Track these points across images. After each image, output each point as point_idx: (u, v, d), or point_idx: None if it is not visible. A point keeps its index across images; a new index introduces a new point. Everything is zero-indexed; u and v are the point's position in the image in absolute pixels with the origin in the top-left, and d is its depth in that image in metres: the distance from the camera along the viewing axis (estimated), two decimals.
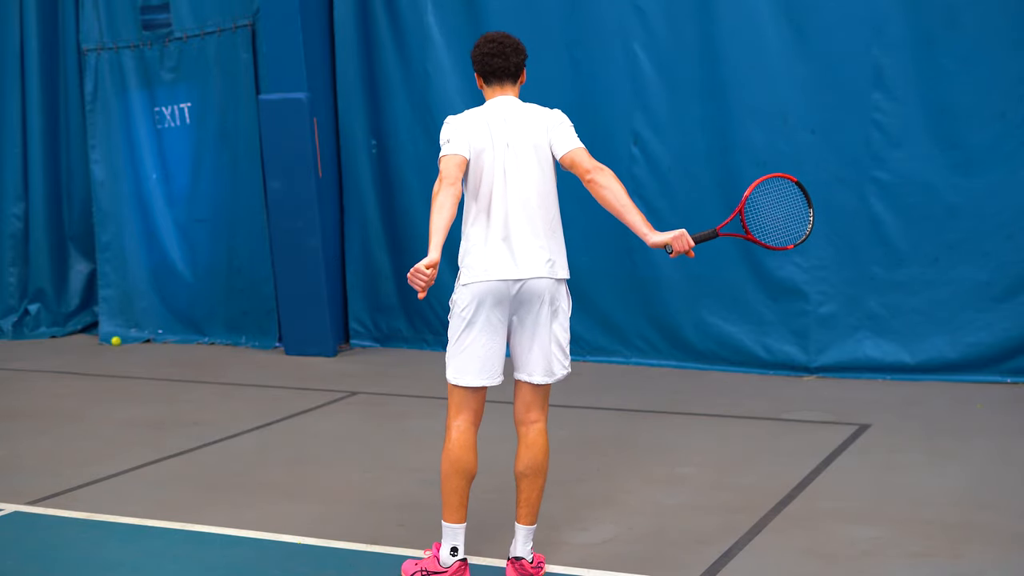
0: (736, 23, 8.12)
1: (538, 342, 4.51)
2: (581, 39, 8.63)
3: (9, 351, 10.42)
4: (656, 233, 4.39)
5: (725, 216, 8.32)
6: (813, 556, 4.82)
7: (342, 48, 9.54)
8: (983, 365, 7.73)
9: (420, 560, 4.68)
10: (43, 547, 5.30)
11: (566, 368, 4.60)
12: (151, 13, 10.32)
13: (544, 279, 4.47)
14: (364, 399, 8.10)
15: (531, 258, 4.46)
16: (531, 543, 4.64)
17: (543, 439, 4.57)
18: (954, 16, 7.57)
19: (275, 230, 9.58)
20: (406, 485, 5.95)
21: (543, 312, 4.50)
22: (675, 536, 5.12)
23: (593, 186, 4.43)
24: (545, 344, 4.51)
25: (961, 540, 4.94)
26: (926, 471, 5.94)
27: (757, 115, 8.13)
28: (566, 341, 4.59)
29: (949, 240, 7.76)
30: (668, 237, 4.40)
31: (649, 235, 4.37)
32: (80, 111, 10.89)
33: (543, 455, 4.56)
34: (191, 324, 10.48)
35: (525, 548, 4.62)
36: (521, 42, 4.66)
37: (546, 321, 4.50)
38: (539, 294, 4.47)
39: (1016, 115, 7.52)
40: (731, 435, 6.77)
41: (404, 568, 4.69)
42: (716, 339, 8.43)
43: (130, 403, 8.21)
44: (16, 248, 11.13)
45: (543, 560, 4.71)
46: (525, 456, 4.57)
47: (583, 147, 4.51)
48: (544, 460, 4.56)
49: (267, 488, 6.07)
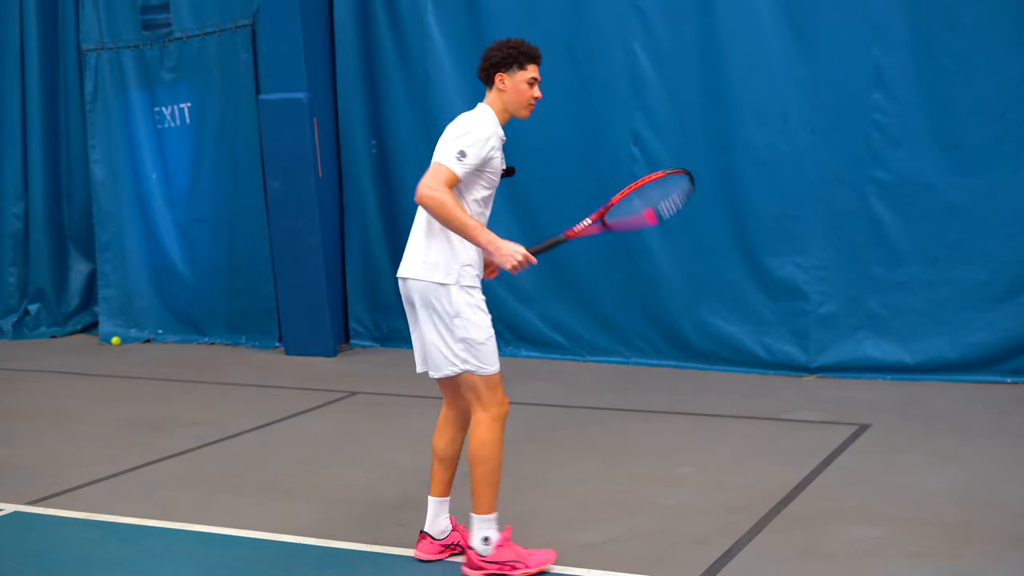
0: (736, 23, 8.12)
1: (423, 338, 4.72)
2: (581, 39, 8.63)
3: (9, 351, 10.43)
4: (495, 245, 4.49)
5: (725, 216, 8.36)
6: (813, 556, 4.82)
7: (342, 48, 9.54)
8: (983, 365, 7.73)
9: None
10: (43, 547, 5.30)
11: (455, 366, 4.63)
12: (151, 13, 10.32)
13: (415, 280, 4.64)
14: (364, 399, 8.10)
15: (410, 258, 4.72)
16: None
17: (477, 430, 4.65)
18: (954, 16, 7.57)
19: (275, 230, 9.58)
20: (406, 485, 5.95)
21: (420, 311, 4.67)
22: (675, 536, 5.12)
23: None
24: (427, 341, 4.68)
25: (961, 540, 4.94)
26: (926, 471, 5.93)
27: (757, 115, 8.13)
28: (451, 340, 4.61)
29: (949, 240, 7.76)
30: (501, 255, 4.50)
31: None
32: (80, 111, 10.89)
33: (474, 444, 4.66)
34: (191, 324, 10.48)
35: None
36: (491, 48, 4.71)
37: (425, 320, 4.67)
38: (412, 293, 4.68)
39: (1016, 115, 7.52)
40: (731, 435, 6.77)
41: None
42: (716, 339, 8.43)
43: (130, 403, 8.21)
44: (16, 248, 11.14)
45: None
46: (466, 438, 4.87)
47: (439, 164, 4.53)
48: (474, 449, 4.66)
49: (267, 488, 6.07)
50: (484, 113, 4.67)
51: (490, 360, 4.63)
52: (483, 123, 4.61)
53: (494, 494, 4.67)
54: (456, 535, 4.93)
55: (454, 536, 4.93)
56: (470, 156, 4.53)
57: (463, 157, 4.52)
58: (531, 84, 4.69)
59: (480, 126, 4.59)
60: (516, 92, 4.68)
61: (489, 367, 4.63)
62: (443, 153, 4.55)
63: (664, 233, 8.50)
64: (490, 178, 4.66)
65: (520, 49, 4.68)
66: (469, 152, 4.52)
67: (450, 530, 4.93)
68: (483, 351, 4.61)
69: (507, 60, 4.67)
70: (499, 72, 4.68)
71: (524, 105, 4.70)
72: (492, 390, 4.65)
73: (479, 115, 4.65)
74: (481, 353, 4.61)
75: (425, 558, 4.89)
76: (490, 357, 4.63)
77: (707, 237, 8.40)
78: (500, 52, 4.67)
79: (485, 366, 4.62)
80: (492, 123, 4.65)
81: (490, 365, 4.64)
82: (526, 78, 4.68)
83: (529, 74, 4.68)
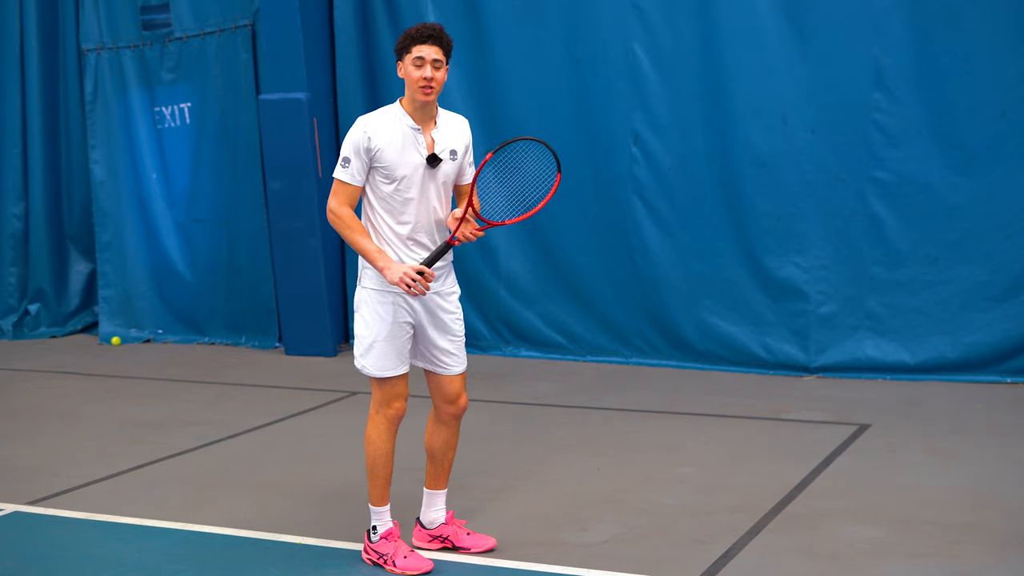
0: (736, 23, 8.12)
1: None
2: (581, 39, 8.63)
3: (9, 351, 10.42)
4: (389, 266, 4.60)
5: (725, 216, 8.36)
6: (813, 556, 4.82)
7: (342, 48, 9.54)
8: (983, 365, 7.73)
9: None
10: (43, 547, 5.30)
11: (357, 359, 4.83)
12: (151, 13, 10.32)
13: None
14: (364, 399, 8.09)
15: None
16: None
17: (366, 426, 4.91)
18: (954, 16, 7.57)
19: (275, 230, 9.58)
20: (406, 485, 5.95)
21: None
22: (675, 536, 5.12)
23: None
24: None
25: (961, 540, 4.94)
26: (926, 471, 5.94)
27: (757, 115, 8.13)
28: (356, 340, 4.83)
29: (949, 240, 7.76)
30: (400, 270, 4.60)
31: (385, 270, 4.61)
32: (80, 111, 10.89)
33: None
34: (191, 324, 10.48)
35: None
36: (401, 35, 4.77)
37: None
38: None
39: (1016, 115, 7.52)
40: (731, 435, 6.77)
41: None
42: (716, 339, 8.43)
43: (130, 403, 8.21)
44: (16, 248, 11.13)
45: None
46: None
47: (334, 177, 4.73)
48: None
49: (267, 488, 6.07)
50: (365, 116, 4.73)
51: (373, 362, 4.74)
52: (355, 126, 4.68)
53: (375, 487, 4.84)
54: (446, 528, 5.02)
55: (443, 529, 5.03)
56: (352, 160, 4.66)
57: (346, 164, 4.67)
58: (418, 65, 4.62)
59: (352, 130, 4.68)
60: (407, 77, 4.66)
61: (371, 369, 4.75)
62: (336, 167, 4.72)
63: (664, 233, 8.51)
64: (385, 174, 4.68)
65: (408, 34, 4.67)
66: (346, 156, 4.67)
67: (440, 522, 5.04)
68: (370, 352, 4.74)
69: (398, 48, 4.69)
70: (398, 62, 4.71)
71: (416, 88, 4.63)
72: (379, 390, 4.80)
73: (358, 120, 4.72)
74: (369, 353, 4.75)
75: (414, 543, 5.05)
76: (372, 359, 4.74)
77: (707, 237, 8.40)
78: (397, 43, 4.72)
79: (367, 366, 4.76)
80: (365, 122, 4.67)
81: (372, 367, 4.75)
82: (411, 59, 4.63)
83: (414, 54, 4.62)
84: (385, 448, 4.82)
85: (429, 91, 4.62)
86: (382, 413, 4.81)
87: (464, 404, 4.96)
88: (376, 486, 4.85)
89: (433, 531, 5.04)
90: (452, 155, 4.76)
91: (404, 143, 4.68)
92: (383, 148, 4.65)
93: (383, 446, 4.82)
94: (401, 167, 4.67)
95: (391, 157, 4.65)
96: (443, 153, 4.73)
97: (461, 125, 4.85)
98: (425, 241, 4.74)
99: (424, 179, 4.71)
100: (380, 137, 4.65)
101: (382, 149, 4.64)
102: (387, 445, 4.83)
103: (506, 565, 4.84)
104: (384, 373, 4.75)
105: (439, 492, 5.05)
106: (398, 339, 4.74)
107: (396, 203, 4.70)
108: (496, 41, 8.82)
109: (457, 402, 4.93)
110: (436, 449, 4.99)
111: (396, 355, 4.75)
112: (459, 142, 4.81)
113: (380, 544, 4.85)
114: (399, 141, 4.67)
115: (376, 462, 4.83)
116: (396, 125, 4.68)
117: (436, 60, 4.63)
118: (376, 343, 4.73)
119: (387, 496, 4.88)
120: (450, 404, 4.92)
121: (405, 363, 4.80)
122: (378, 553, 4.84)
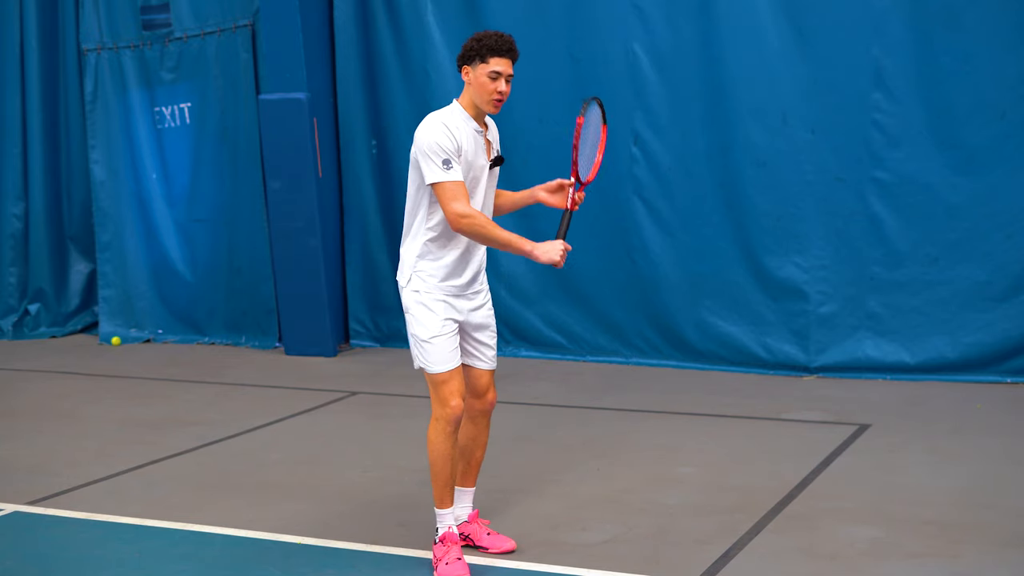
0: (736, 23, 8.12)
1: None
2: (581, 39, 8.63)
3: (9, 351, 10.43)
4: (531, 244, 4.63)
5: (725, 216, 8.36)
6: (813, 556, 4.82)
7: (342, 48, 9.54)
8: (983, 365, 7.73)
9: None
10: (43, 547, 5.31)
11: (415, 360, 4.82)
12: (151, 13, 10.32)
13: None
14: (364, 399, 8.10)
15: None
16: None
17: (428, 428, 4.84)
18: (954, 16, 7.57)
19: (275, 230, 9.58)
20: (406, 485, 5.95)
21: None
22: (675, 536, 5.12)
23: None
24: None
25: (961, 540, 4.94)
26: (926, 471, 5.94)
27: (757, 115, 8.13)
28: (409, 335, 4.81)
29: (949, 240, 7.76)
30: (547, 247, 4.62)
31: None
32: (80, 111, 10.89)
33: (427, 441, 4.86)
34: (191, 324, 10.48)
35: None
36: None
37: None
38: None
39: (1016, 115, 7.52)
40: (731, 435, 6.77)
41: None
42: (716, 339, 8.43)
43: (130, 403, 8.21)
44: (16, 248, 11.13)
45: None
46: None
47: (437, 185, 4.61)
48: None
49: (267, 488, 6.07)
50: (428, 121, 4.67)
51: (433, 359, 4.73)
52: (435, 128, 4.62)
53: (439, 489, 4.80)
54: (468, 527, 5.03)
55: (465, 527, 5.03)
56: (452, 160, 4.58)
57: (448, 165, 4.57)
58: (493, 78, 4.60)
59: (432, 131, 4.61)
60: (478, 86, 4.64)
61: (432, 366, 4.73)
62: (430, 173, 4.59)
63: (664, 233, 8.51)
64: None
65: (483, 42, 4.62)
66: (445, 158, 4.57)
67: (464, 520, 5.04)
68: (428, 349, 4.73)
69: (470, 53, 4.65)
70: (464, 65, 4.69)
71: (487, 100, 4.64)
72: (436, 389, 4.76)
73: (424, 125, 4.66)
74: (425, 351, 4.74)
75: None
76: (432, 356, 4.73)
77: (707, 237, 8.40)
78: (466, 45, 4.68)
79: (429, 364, 4.74)
80: (444, 122, 4.63)
81: (433, 364, 4.73)
82: (487, 71, 4.60)
83: (491, 67, 4.60)
84: (445, 448, 4.75)
85: (500, 104, 4.65)
86: (441, 413, 4.76)
87: (492, 399, 4.98)
88: (437, 487, 4.80)
89: (459, 528, 5.02)
90: (501, 158, 4.82)
91: (475, 146, 4.69)
92: (465, 150, 4.66)
93: (441, 447, 4.75)
94: (473, 169, 4.69)
95: (468, 159, 4.67)
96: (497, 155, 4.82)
97: (496, 126, 4.93)
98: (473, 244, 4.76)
99: (485, 182, 4.77)
100: (462, 138, 4.65)
101: (465, 150, 4.65)
102: (445, 445, 4.75)
103: (506, 565, 4.84)
104: (446, 367, 4.73)
105: (466, 489, 5.05)
106: (451, 336, 4.76)
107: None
108: None
109: (486, 396, 4.95)
110: (464, 445, 4.99)
111: (452, 350, 4.76)
112: (499, 144, 4.90)
113: (437, 547, 4.80)
114: (472, 144, 4.68)
115: (436, 463, 4.78)
116: (466, 128, 4.68)
117: (511, 76, 4.66)
118: (434, 339, 4.73)
119: (448, 498, 4.80)
120: (478, 399, 4.94)
121: (458, 358, 4.80)
122: (434, 556, 4.80)
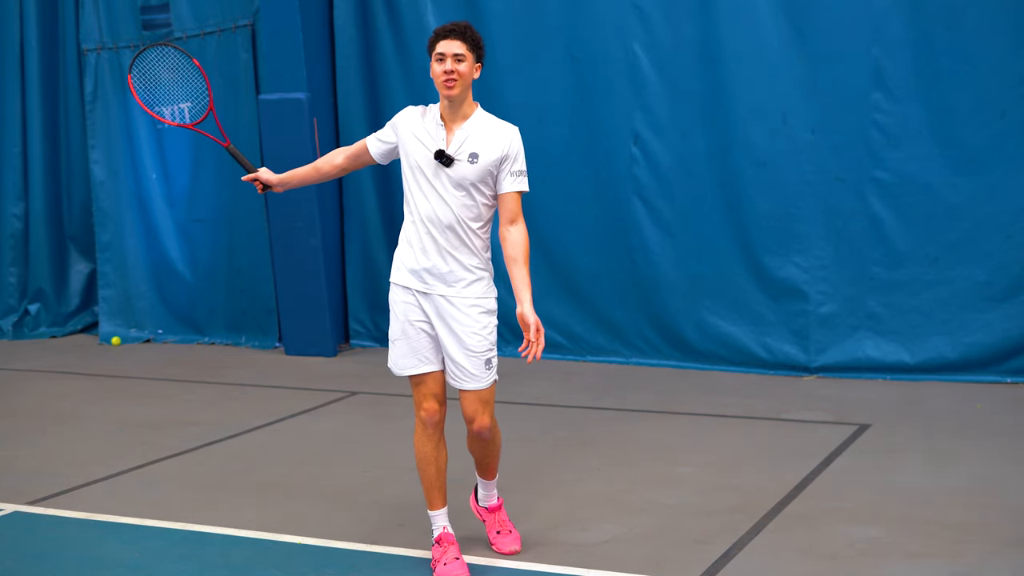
0: (736, 23, 8.12)
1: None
2: (581, 39, 8.62)
3: (9, 351, 10.42)
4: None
5: (725, 216, 8.35)
6: (813, 556, 4.82)
7: (342, 48, 9.54)
8: (983, 365, 7.73)
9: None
10: (43, 547, 5.31)
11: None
12: (151, 13, 10.31)
13: None
14: (364, 399, 8.10)
15: None
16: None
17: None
18: (954, 16, 7.57)
19: (275, 230, 9.58)
20: (406, 485, 5.95)
21: None
22: (675, 536, 5.12)
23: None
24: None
25: (961, 540, 4.95)
26: (926, 471, 5.94)
27: (757, 115, 8.13)
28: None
29: (949, 240, 7.76)
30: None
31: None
32: (80, 111, 10.89)
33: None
34: (191, 324, 10.48)
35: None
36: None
37: None
38: None
39: (1016, 115, 7.52)
40: (731, 435, 6.77)
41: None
42: (716, 339, 8.43)
43: (130, 403, 8.21)
44: (16, 248, 11.13)
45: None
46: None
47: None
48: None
49: (267, 488, 6.07)
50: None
51: (392, 360, 4.78)
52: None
53: (424, 492, 4.82)
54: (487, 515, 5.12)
55: (485, 513, 5.13)
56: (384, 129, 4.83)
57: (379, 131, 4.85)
58: (439, 60, 4.56)
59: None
60: (433, 75, 4.62)
61: (391, 365, 4.79)
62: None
63: (664, 233, 8.51)
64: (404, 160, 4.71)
65: (431, 36, 4.64)
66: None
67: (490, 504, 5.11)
68: (391, 349, 4.80)
69: (428, 50, 4.67)
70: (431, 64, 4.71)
71: (439, 85, 4.58)
72: (413, 391, 4.78)
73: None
74: (391, 349, 4.80)
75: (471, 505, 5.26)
76: (392, 355, 4.78)
77: (707, 237, 8.40)
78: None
79: (391, 364, 4.80)
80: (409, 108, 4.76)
81: (393, 366, 4.78)
82: (434, 56, 4.59)
83: (436, 51, 4.58)
84: (424, 451, 4.73)
85: (452, 84, 4.52)
86: (416, 416, 4.75)
87: (479, 426, 4.73)
88: (424, 489, 4.80)
89: (482, 508, 5.11)
90: (472, 158, 4.56)
91: (424, 134, 4.65)
92: (413, 133, 4.67)
93: (421, 449, 4.74)
94: (411, 156, 4.66)
95: (406, 144, 4.69)
96: (459, 154, 4.58)
97: (500, 132, 4.62)
98: (437, 236, 4.62)
99: (438, 175, 4.61)
100: (414, 122, 4.69)
101: (413, 134, 4.67)
102: (425, 448, 4.72)
103: (506, 565, 4.85)
104: (400, 371, 4.74)
105: (485, 481, 5.07)
106: (412, 338, 4.68)
107: (410, 193, 4.70)
108: (496, 41, 8.81)
109: (471, 423, 4.74)
110: (472, 453, 4.99)
111: (412, 354, 4.69)
112: (488, 148, 4.58)
113: (434, 548, 4.79)
114: (421, 132, 4.66)
115: (418, 465, 4.78)
116: (428, 116, 4.68)
117: (457, 54, 4.53)
118: (396, 340, 4.73)
119: (437, 500, 4.77)
120: (466, 422, 4.79)
121: (426, 363, 4.69)
122: (433, 557, 4.80)
